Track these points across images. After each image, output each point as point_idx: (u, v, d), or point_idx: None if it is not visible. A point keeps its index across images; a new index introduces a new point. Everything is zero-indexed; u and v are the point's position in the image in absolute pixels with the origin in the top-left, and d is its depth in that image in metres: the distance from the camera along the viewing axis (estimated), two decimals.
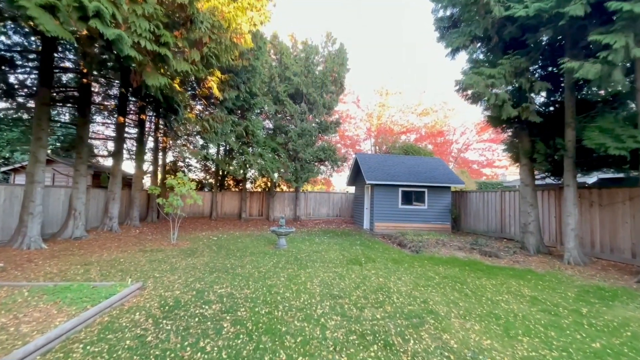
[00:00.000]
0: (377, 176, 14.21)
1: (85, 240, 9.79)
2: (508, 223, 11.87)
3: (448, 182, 14.50)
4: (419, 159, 17.14)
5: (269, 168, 14.03)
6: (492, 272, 7.42)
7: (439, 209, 14.49)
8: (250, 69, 10.41)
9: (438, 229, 14.23)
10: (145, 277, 6.07)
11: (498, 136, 22.34)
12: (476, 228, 13.76)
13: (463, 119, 23.25)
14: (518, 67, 7.34)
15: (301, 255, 8.86)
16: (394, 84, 23.14)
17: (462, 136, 23.39)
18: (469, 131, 22.84)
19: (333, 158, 15.97)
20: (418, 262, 8.43)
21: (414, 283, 6.24)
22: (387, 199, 14.22)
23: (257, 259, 8.20)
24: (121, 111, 11.86)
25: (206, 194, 18.50)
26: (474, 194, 14.09)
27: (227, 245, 10.13)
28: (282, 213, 18.67)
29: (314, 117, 15.89)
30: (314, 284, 5.96)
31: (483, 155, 24.04)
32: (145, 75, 6.31)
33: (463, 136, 23.41)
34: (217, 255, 8.48)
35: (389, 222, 14.11)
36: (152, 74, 6.33)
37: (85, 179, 10.24)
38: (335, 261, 8.18)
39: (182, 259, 7.89)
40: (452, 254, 9.45)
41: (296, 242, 11.06)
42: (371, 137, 23.76)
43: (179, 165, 21.84)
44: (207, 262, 7.67)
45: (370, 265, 7.89)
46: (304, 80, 14.57)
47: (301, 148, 14.57)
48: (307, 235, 13.11)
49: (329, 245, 10.62)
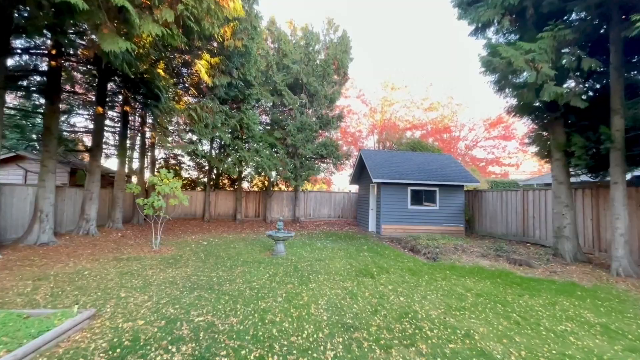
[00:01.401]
0: (384, 174, 12.97)
1: (52, 247, 8.49)
2: (531, 225, 10.66)
3: (461, 180, 13.28)
4: (429, 156, 15.91)
5: (265, 165, 12.76)
6: (530, 286, 6.19)
7: (452, 209, 13.27)
8: (243, 51, 9.15)
9: (451, 232, 13.02)
10: (106, 299, 4.80)
11: (509, 132, 21.21)
12: (493, 231, 12.54)
13: (470, 115, 22.06)
14: (562, 40, 6.11)
15: (302, 264, 7.60)
16: (400, 77, 21.79)
17: (471, 132, 22.23)
18: (477, 127, 21.70)
19: (335, 154, 14.70)
20: (439, 272, 7.20)
21: (444, 304, 4.99)
22: (395, 198, 12.99)
23: (250, 269, 6.93)
24: (100, 100, 10.55)
25: (199, 194, 17.20)
26: (490, 193, 12.88)
27: (217, 252, 8.86)
28: (280, 214, 17.41)
29: (314, 111, 14.64)
30: (319, 307, 4.71)
31: (492, 153, 22.87)
32: (100, 39, 5.03)
33: (471, 132, 22.25)
34: (203, 265, 7.21)
35: (397, 224, 12.88)
36: (110, 37, 5.04)
37: (54, 176, 8.95)
38: (343, 272, 6.93)
39: (160, 271, 6.61)
40: (475, 262, 8.23)
41: (296, 248, 9.81)
42: (374, 134, 22.54)
43: (171, 163, 20.56)
44: (189, 274, 6.40)
45: (385, 277, 6.65)
46: (304, 68, 13.29)
47: (301, 143, 13.31)
48: (307, 239, 11.87)
49: (333, 252, 9.37)
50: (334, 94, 14.49)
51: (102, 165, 16.06)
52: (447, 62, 46.01)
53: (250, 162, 12.64)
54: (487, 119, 21.38)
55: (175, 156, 20.64)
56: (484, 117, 22.11)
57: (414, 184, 13.06)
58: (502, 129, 20.81)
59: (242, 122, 12.32)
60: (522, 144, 21.36)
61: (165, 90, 8.40)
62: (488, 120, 21.24)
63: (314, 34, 14.41)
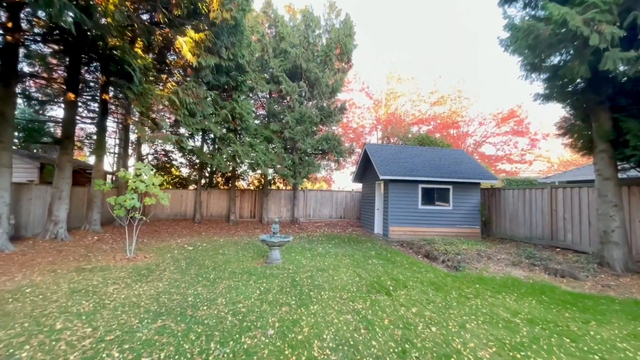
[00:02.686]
0: (392, 170, 11.68)
1: (4, 255, 7.17)
2: (562, 228, 9.38)
3: (477, 177, 12.01)
4: (440, 151, 14.63)
5: (261, 161, 11.45)
6: (588, 306, 4.92)
7: (467, 209, 12.00)
8: (233, 25, 7.84)
9: (466, 234, 11.75)
10: (31, 334, 3.50)
11: (522, 127, 19.96)
12: (514, 233, 11.27)
13: (478, 110, 20.78)
14: None
15: (301, 275, 6.31)
16: (406, 69, 20.49)
17: (481, 127, 20.93)
18: (487, 122, 20.40)
19: (338, 149, 13.40)
20: (467, 286, 5.92)
21: (493, 339, 3.71)
22: (404, 197, 11.71)
23: (237, 284, 5.64)
24: (71, 86, 9.23)
25: (189, 193, 15.87)
26: (510, 191, 11.61)
27: (201, 260, 7.57)
28: (277, 214, 16.11)
29: (315, 102, 13.33)
30: (325, 347, 3.42)
31: (501, 150, 21.60)
32: None
33: (481, 127, 20.95)
34: (181, 278, 5.92)
35: (406, 226, 11.60)
36: None
37: (9, 171, 7.63)
38: (351, 287, 5.64)
39: (125, 287, 5.32)
40: (507, 272, 6.95)
41: (294, 253, 8.53)
42: (378, 130, 21.26)
43: (161, 160, 19.24)
44: (160, 292, 5.11)
45: (404, 294, 5.37)
46: (304, 53, 11.95)
47: (300, 137, 12.00)
48: (307, 243, 10.58)
49: (337, 259, 8.08)
50: (336, 84, 13.19)
51: (77, 160, 14.75)
52: (455, 54, 44.44)
53: (244, 158, 11.31)
54: (498, 112, 20.09)
55: (166, 153, 19.36)
56: (493, 112, 20.86)
57: (426, 181, 11.78)
58: (515, 123, 19.57)
59: (234, 112, 11.01)
60: (533, 141, 20.16)
61: (141, 70, 7.11)
62: (499, 115, 19.97)
63: (315, 17, 13.10)
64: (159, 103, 7.76)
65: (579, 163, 21.54)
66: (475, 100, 20.55)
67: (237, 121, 11.28)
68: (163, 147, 18.74)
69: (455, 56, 43.99)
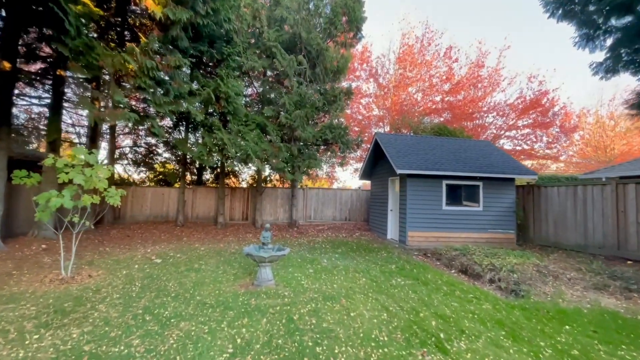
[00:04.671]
0: (411, 163, 9.63)
1: None
2: (634, 234, 7.35)
3: (512, 171, 9.98)
4: (464, 142, 12.58)
5: (251, 152, 9.37)
6: None
7: (500, 210, 9.98)
8: None
9: (499, 241, 9.75)
10: None
11: (546, 117, 17.92)
12: (560, 240, 9.23)
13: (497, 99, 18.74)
14: None
15: (301, 310, 4.26)
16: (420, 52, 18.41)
17: (499, 118, 18.80)
18: (506, 112, 18.28)
19: (344, 140, 11.31)
20: (551, 328, 3.90)
21: None
22: (426, 196, 9.67)
23: (201, 329, 3.59)
24: (5, 51, 7.14)
25: (172, 192, 13.76)
26: (555, 189, 9.56)
27: (164, 281, 5.51)
28: (273, 216, 14.04)
29: (317, 84, 11.25)
30: None
31: (519, 145, 19.52)
32: None
33: (498, 119, 18.84)
34: (118, 318, 3.87)
35: (428, 231, 9.57)
36: None
37: None
38: (380, 336, 3.60)
39: (13, 340, 3.25)
40: (593, 300, 4.91)
41: (291, 268, 6.48)
42: (385, 122, 19.19)
43: (142, 152, 17.02)
44: (66, 352, 3.05)
45: (466, 350, 3.32)
46: (303, 20, 9.84)
47: (299, 123, 9.93)
48: (308, 251, 8.53)
49: (349, 277, 6.03)
50: (341, 62, 11.14)
51: (31, 150, 12.63)
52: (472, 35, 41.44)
53: (231, 148, 9.23)
54: (522, 99, 17.95)
55: (149, 147, 17.17)
56: (511, 100, 18.79)
57: (451, 176, 9.75)
58: (539, 114, 17.55)
59: (218, 91, 8.93)
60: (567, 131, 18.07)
61: (77, 18, 5.05)
62: (520, 103, 17.90)
63: None
64: (107, 66, 5.68)
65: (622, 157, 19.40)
66: (493, 88, 18.46)
67: (222, 103, 9.21)
68: (146, 140, 16.63)
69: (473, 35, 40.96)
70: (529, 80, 18.42)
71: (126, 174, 16.82)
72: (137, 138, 16.54)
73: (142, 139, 16.82)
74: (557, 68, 40.31)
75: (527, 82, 18.52)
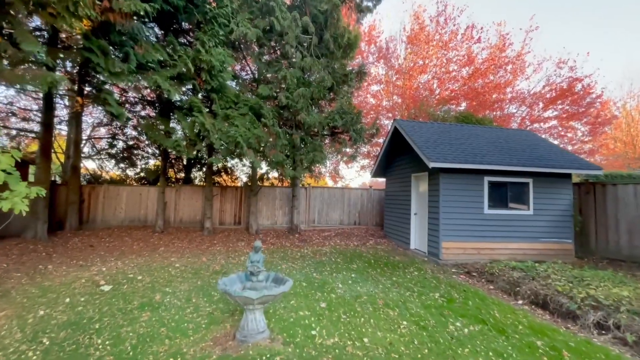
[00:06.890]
0: (445, 155, 7.56)
1: None
2: None
3: (570, 165, 7.96)
4: (502, 131, 10.54)
5: (242, 139, 7.30)
6: None
7: (553, 214, 7.95)
8: None
9: (554, 253, 7.73)
10: None
11: (581, 106, 15.87)
12: (636, 253, 7.20)
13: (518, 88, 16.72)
14: None
15: None
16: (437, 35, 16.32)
17: (524, 108, 16.71)
18: (534, 99, 16.21)
19: (356, 128, 9.27)
20: None
21: None
22: (463, 197, 7.62)
23: None
24: None
25: (151, 191, 11.64)
26: (630, 188, 7.53)
27: (89, 335, 3.45)
28: (270, 219, 11.98)
29: (324, 60, 9.15)
30: None
31: (552, 135, 17.38)
32: None
33: (524, 109, 16.73)
34: None
35: (467, 241, 7.52)
36: None
37: None
38: None
39: None
40: None
41: (293, 301, 4.42)
42: (396, 114, 17.13)
43: (119, 145, 14.78)
44: None
45: None
46: None
47: (303, 105, 7.87)
48: (314, 269, 6.47)
49: (381, 319, 3.99)
50: (353, 34, 9.11)
51: None
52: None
53: (215, 135, 7.16)
54: (551, 87, 15.88)
55: (136, 140, 14.86)
56: (538, 89, 16.74)
57: (495, 171, 7.70)
58: (571, 103, 15.53)
59: (199, 60, 6.85)
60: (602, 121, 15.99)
61: None
62: (551, 91, 15.84)
63: None
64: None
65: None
66: (517, 74, 16.39)
67: (204, 76, 7.13)
68: (125, 131, 14.47)
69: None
70: (557, 66, 16.37)
71: (102, 170, 14.77)
72: (115, 129, 14.38)
73: (124, 130, 14.62)
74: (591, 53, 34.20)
75: (554, 69, 16.46)
